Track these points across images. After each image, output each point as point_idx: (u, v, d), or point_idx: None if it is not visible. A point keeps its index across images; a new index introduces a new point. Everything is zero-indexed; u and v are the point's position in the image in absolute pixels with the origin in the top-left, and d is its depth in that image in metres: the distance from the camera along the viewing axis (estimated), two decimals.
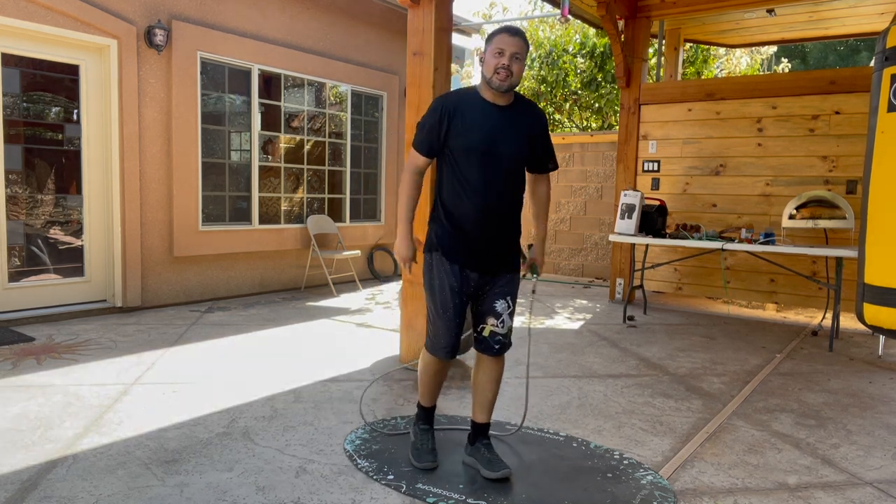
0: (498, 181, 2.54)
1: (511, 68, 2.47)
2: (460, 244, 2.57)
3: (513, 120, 2.57)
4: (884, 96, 3.68)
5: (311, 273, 7.43)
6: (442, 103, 2.58)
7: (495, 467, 2.61)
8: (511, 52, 2.47)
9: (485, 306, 2.64)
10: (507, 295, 2.63)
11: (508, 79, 2.48)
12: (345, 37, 7.59)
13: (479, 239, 2.57)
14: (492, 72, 2.49)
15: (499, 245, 2.60)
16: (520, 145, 2.58)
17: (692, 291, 6.79)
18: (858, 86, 5.76)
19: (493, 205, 2.55)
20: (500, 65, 2.47)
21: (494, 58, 2.48)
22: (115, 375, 3.87)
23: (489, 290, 2.63)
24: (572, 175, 9.08)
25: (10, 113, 5.08)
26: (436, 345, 2.66)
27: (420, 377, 2.80)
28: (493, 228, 2.57)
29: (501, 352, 2.67)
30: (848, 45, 19.47)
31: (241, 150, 6.70)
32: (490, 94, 2.56)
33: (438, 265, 2.61)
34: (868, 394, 3.98)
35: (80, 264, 5.58)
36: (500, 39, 2.49)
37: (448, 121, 2.54)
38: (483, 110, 2.55)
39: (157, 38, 5.65)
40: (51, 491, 2.44)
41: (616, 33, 6.61)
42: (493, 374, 2.70)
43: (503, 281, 2.63)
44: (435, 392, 2.81)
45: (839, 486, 2.68)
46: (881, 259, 3.72)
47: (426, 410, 2.85)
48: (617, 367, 4.41)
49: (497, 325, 2.62)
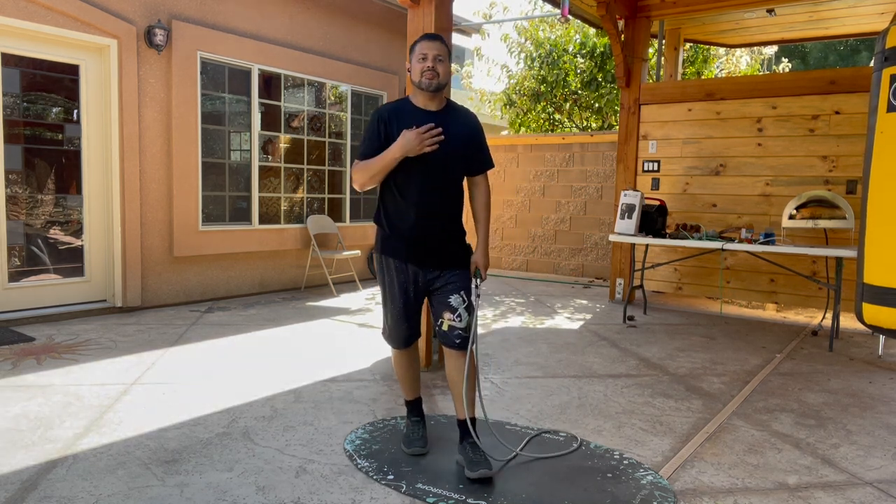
0: (432, 184, 2.69)
1: (436, 69, 2.66)
2: (402, 246, 2.73)
3: (445, 124, 2.69)
4: (883, 96, 3.68)
5: (311, 273, 7.43)
6: (378, 114, 2.75)
7: (475, 467, 2.62)
8: (433, 55, 2.66)
9: (440, 302, 2.76)
10: (460, 290, 2.74)
11: (436, 78, 2.65)
12: (345, 37, 7.59)
13: (419, 238, 2.71)
14: (419, 75, 2.67)
15: (440, 245, 2.74)
16: (453, 148, 2.70)
17: (692, 291, 6.79)
18: (858, 86, 5.76)
19: (428, 208, 2.69)
20: (425, 68, 2.66)
21: (420, 63, 2.67)
22: (115, 375, 3.87)
23: (441, 286, 2.75)
24: (572, 175, 9.08)
25: (10, 113, 5.08)
26: (390, 335, 2.86)
27: (395, 373, 3.00)
28: (431, 229, 2.72)
29: (463, 346, 2.75)
30: (848, 45, 19.47)
31: (241, 150, 6.70)
32: (422, 99, 2.73)
33: (387, 263, 2.79)
34: (868, 394, 3.98)
35: (80, 264, 5.58)
36: (422, 46, 2.69)
37: (385, 128, 2.70)
38: (415, 116, 2.70)
39: (157, 38, 5.65)
40: (51, 491, 2.44)
41: (616, 33, 6.61)
42: (458, 365, 2.77)
43: (454, 276, 2.75)
44: (412, 383, 2.98)
45: (839, 486, 2.68)
46: (881, 259, 3.72)
47: (411, 403, 3.01)
48: (617, 367, 4.41)
49: (454, 320, 2.73)
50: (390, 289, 2.80)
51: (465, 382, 2.74)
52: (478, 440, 2.75)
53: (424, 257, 2.73)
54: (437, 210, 2.72)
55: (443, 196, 2.72)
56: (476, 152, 2.81)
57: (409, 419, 3.01)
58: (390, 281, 2.79)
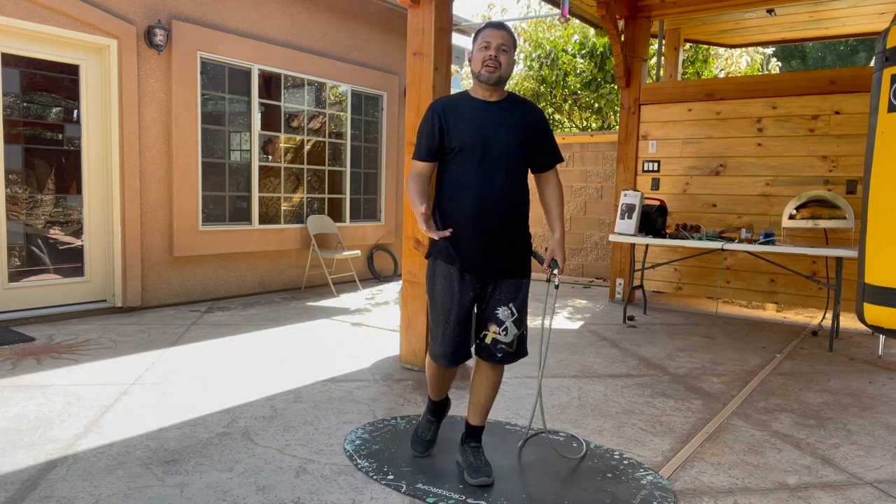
0: (493, 176, 2.48)
1: (499, 59, 2.48)
2: (459, 247, 2.51)
3: (504, 113, 2.54)
4: (884, 96, 3.68)
5: (311, 273, 7.43)
6: (433, 108, 2.59)
7: (475, 474, 2.58)
8: (497, 43, 2.48)
9: (487, 313, 2.57)
10: (510, 301, 2.55)
11: (497, 70, 2.48)
12: (345, 37, 7.59)
13: (478, 238, 2.49)
14: (480, 65, 2.50)
15: (500, 245, 2.52)
16: (513, 137, 2.51)
17: (692, 291, 6.79)
18: (858, 86, 5.76)
19: (489, 201, 2.48)
20: (487, 57, 2.48)
21: (481, 52, 2.50)
22: (115, 375, 3.87)
23: (493, 296, 2.56)
24: (572, 175, 9.08)
25: (10, 113, 5.08)
26: (435, 351, 2.62)
27: (427, 377, 2.81)
28: (491, 227, 2.50)
29: (504, 360, 2.59)
30: (848, 45, 19.46)
31: (241, 150, 6.70)
32: (481, 91, 2.56)
33: (440, 271, 2.57)
34: (868, 394, 3.98)
35: (80, 264, 5.58)
36: (486, 34, 2.51)
37: (441, 121, 2.53)
38: (473, 108, 2.54)
39: (157, 38, 5.65)
40: (51, 491, 2.44)
41: (616, 33, 6.61)
42: (490, 380, 2.65)
43: (507, 287, 2.55)
44: (440, 389, 2.80)
45: (839, 486, 2.68)
46: (881, 259, 3.72)
47: (434, 403, 2.86)
48: (617, 367, 4.40)
49: (499, 333, 2.55)
50: (442, 301, 2.56)
51: (491, 396, 2.66)
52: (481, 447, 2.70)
53: (486, 262, 2.51)
54: (501, 208, 2.49)
55: (505, 190, 2.49)
56: (541, 145, 2.61)
57: (427, 416, 2.87)
58: (441, 291, 2.56)
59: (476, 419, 2.70)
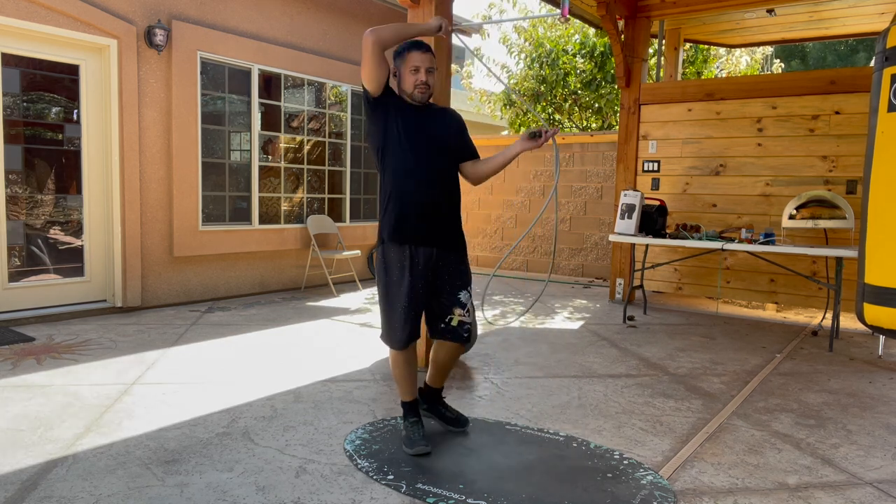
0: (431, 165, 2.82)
1: (428, 82, 2.82)
2: (406, 221, 2.79)
3: (434, 115, 2.91)
4: (884, 96, 3.68)
5: (311, 273, 7.43)
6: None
7: (457, 424, 3.10)
8: (426, 67, 2.80)
9: (449, 299, 2.88)
10: (466, 286, 2.91)
11: (428, 91, 2.83)
12: (345, 37, 7.59)
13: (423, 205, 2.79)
14: (412, 87, 2.82)
15: (441, 216, 2.83)
16: (444, 134, 2.89)
17: (692, 291, 6.79)
18: (858, 86, 5.76)
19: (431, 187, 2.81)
20: (418, 81, 2.80)
21: (412, 75, 2.81)
22: (115, 375, 3.87)
23: (445, 278, 2.86)
24: (572, 175, 9.08)
25: (10, 113, 5.08)
26: (390, 337, 2.88)
27: (393, 374, 3.01)
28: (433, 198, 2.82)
29: (468, 339, 2.93)
30: (848, 45, 19.47)
31: (241, 150, 6.70)
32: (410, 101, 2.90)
33: (388, 253, 2.82)
34: (868, 394, 3.98)
35: (80, 264, 5.58)
36: (413, 57, 2.80)
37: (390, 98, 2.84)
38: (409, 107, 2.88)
39: (157, 38, 5.65)
40: (51, 491, 2.44)
41: (616, 33, 6.61)
42: (455, 354, 3.01)
43: (456, 270, 2.88)
44: (411, 384, 2.99)
45: (839, 486, 2.68)
46: (881, 259, 3.72)
47: (409, 405, 3.02)
48: (617, 367, 4.41)
49: (464, 315, 2.88)
50: (392, 285, 2.82)
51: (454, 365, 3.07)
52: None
53: (432, 232, 2.80)
54: (438, 191, 2.83)
55: (442, 177, 2.85)
56: (466, 141, 3.01)
57: (407, 420, 2.98)
58: (390, 272, 2.83)
59: (440, 383, 3.12)
